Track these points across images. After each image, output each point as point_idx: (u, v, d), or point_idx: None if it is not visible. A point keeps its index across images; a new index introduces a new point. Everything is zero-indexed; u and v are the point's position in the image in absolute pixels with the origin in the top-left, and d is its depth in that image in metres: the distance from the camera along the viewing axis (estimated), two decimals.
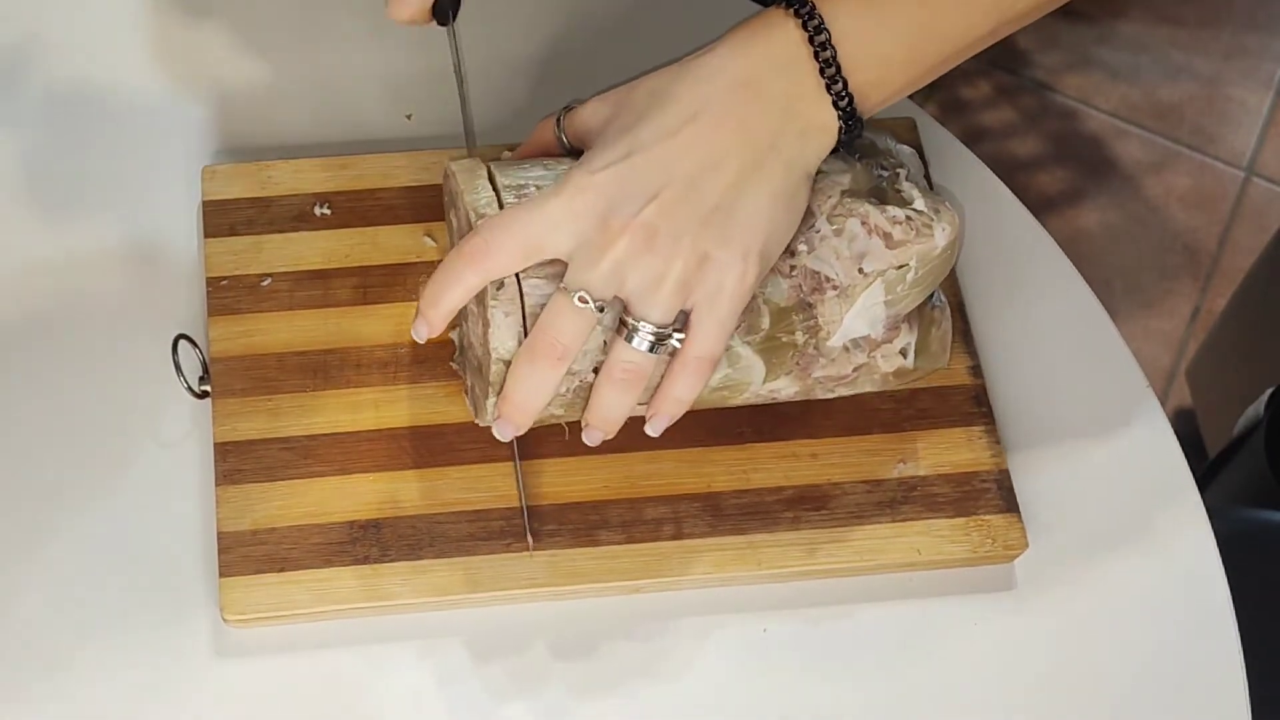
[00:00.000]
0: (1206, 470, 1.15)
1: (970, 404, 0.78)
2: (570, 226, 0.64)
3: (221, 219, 0.80)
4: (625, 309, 0.65)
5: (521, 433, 0.68)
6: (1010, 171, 1.70)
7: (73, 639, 0.72)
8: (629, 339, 0.65)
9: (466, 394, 0.75)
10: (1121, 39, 1.90)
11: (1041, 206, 1.72)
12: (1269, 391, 1.09)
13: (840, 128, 0.66)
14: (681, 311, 0.66)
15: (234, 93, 0.86)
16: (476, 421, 0.72)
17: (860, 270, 0.69)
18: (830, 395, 0.73)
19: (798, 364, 0.70)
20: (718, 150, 0.64)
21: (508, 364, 0.67)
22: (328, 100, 0.87)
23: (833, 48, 0.64)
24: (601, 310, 0.65)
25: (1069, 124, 1.83)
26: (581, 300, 0.64)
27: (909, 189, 0.70)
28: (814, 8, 0.64)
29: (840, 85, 0.65)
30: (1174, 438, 0.80)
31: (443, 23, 0.75)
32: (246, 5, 0.89)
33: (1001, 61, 1.87)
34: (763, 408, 0.77)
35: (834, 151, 0.67)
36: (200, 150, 0.84)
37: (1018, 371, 0.81)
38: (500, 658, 0.73)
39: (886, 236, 0.69)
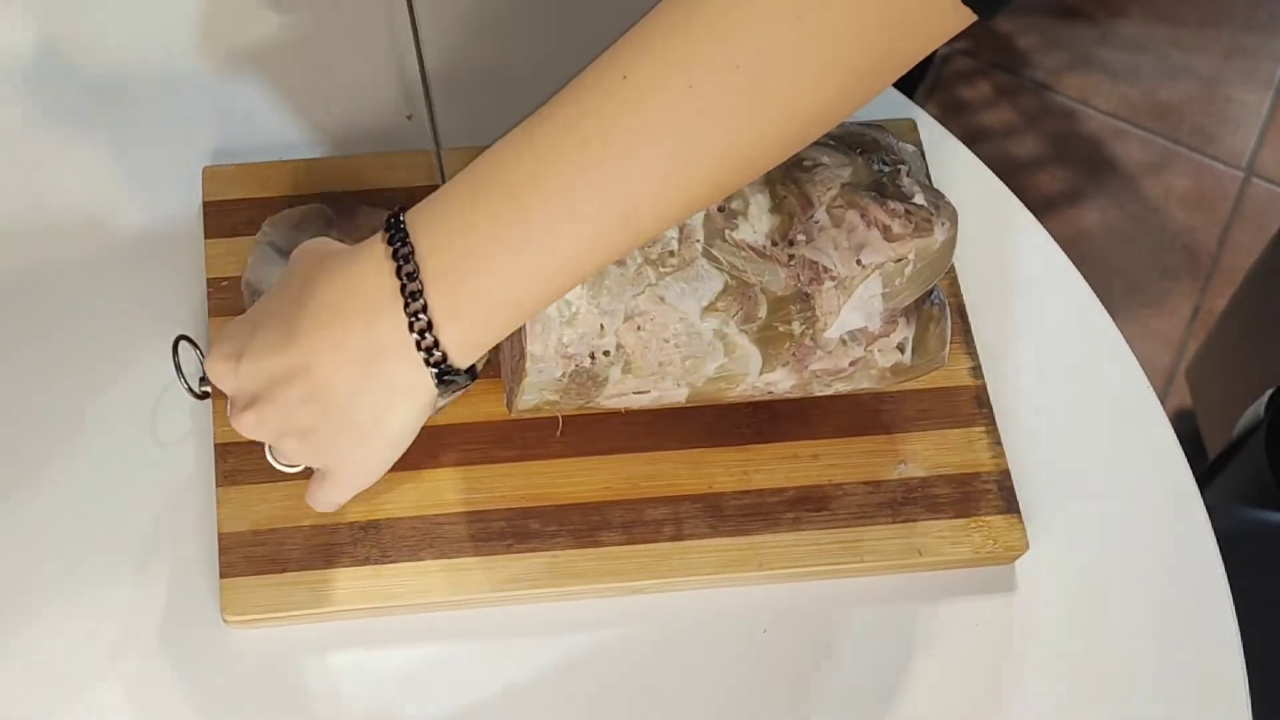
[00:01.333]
0: (1207, 470, 1.15)
1: (971, 405, 0.78)
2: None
3: (222, 219, 0.80)
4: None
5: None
6: (1010, 172, 1.70)
7: (72, 639, 0.72)
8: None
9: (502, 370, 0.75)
10: (1121, 39, 1.90)
11: (1041, 207, 1.72)
12: (1269, 392, 1.09)
13: (438, 381, 0.62)
14: None
15: (234, 93, 0.86)
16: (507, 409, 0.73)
17: (858, 262, 0.69)
18: (828, 391, 0.73)
19: (794, 355, 0.70)
20: (304, 389, 0.63)
21: (541, 364, 0.67)
22: (328, 101, 0.87)
23: (423, 296, 0.60)
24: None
25: (1069, 124, 1.83)
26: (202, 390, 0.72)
27: (909, 184, 0.70)
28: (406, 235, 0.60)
29: (430, 342, 0.60)
30: (1174, 438, 0.80)
31: None
32: (247, 5, 0.89)
33: (1002, 62, 1.87)
34: (763, 407, 0.77)
35: (457, 390, 0.63)
36: (200, 150, 0.84)
37: (1018, 372, 0.81)
38: (501, 659, 0.73)
39: (885, 229, 0.69)
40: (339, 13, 0.89)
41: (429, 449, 0.75)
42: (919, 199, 0.69)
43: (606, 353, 0.68)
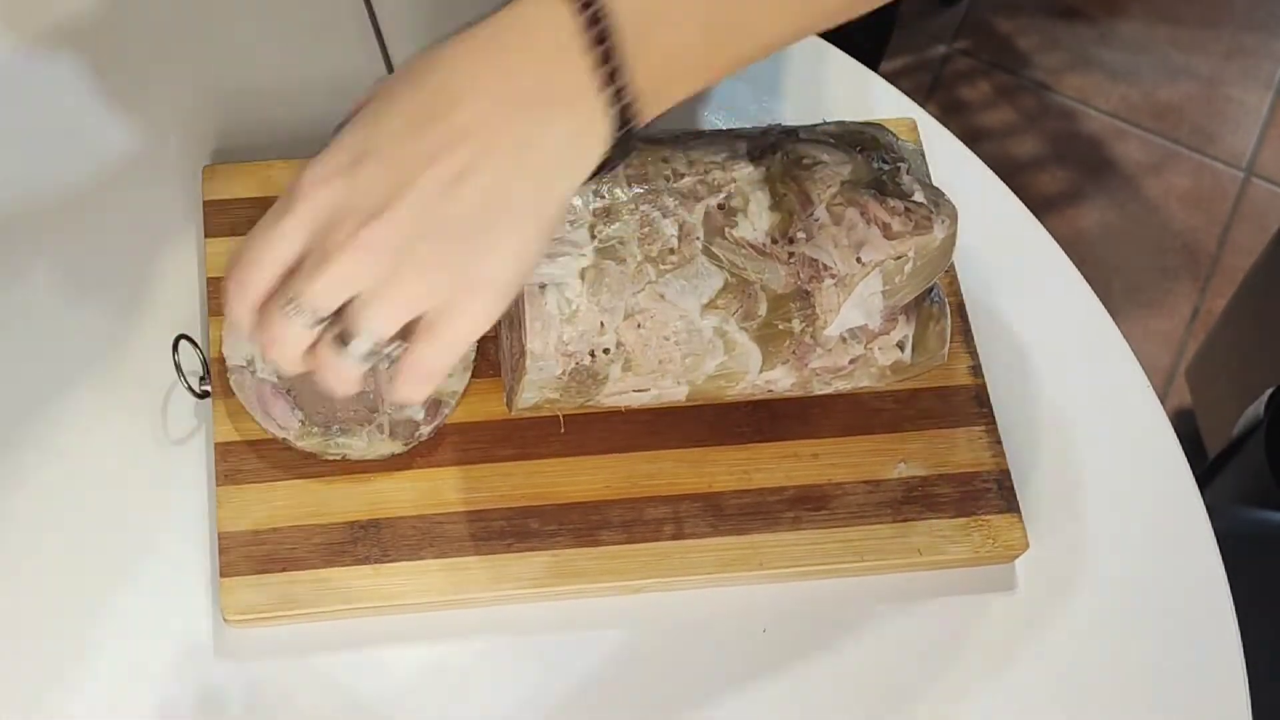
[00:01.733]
0: (1206, 470, 1.15)
1: (971, 404, 0.78)
2: (294, 238, 0.56)
3: (222, 218, 0.80)
4: (344, 309, 0.56)
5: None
6: (1010, 172, 1.70)
7: (73, 638, 0.72)
8: (344, 343, 0.56)
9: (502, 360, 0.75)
10: (1121, 39, 1.90)
11: (1041, 207, 1.72)
12: (1269, 392, 1.09)
13: (612, 137, 0.56)
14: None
15: (234, 92, 0.86)
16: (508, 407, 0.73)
17: (858, 260, 0.69)
18: (828, 389, 0.73)
19: (794, 353, 0.70)
20: (464, 159, 0.54)
21: (541, 361, 0.66)
22: (328, 100, 0.87)
23: (612, 39, 0.54)
24: (322, 323, 0.56)
25: (1069, 124, 1.84)
26: (298, 310, 0.56)
27: (909, 182, 0.70)
28: None
29: (618, 85, 0.55)
30: (1174, 437, 0.80)
31: None
32: (248, 7, 0.89)
33: (1002, 62, 1.87)
34: (763, 406, 0.77)
35: (600, 171, 0.57)
36: (200, 150, 0.84)
37: (1018, 372, 0.81)
38: (501, 658, 0.73)
39: (885, 227, 0.69)
40: (339, 11, 0.89)
41: (429, 447, 0.75)
42: (919, 197, 0.69)
43: (606, 350, 0.68)
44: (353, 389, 0.58)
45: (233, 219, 0.80)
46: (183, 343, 0.76)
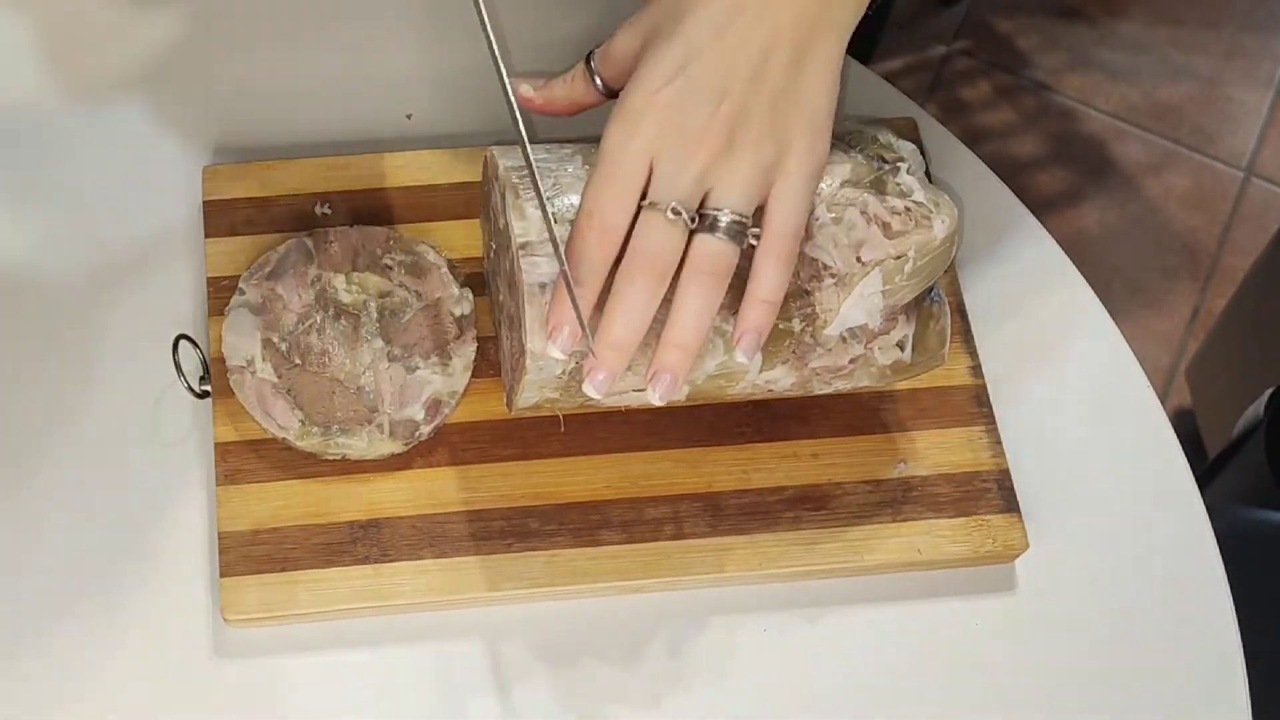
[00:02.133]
0: (1206, 470, 1.15)
1: (971, 404, 0.78)
2: (650, 149, 0.64)
3: (222, 219, 0.80)
4: (703, 203, 0.64)
5: (615, 379, 0.65)
6: (1011, 172, 1.70)
7: (72, 639, 0.72)
8: (711, 229, 0.64)
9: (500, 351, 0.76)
10: (1121, 39, 1.90)
11: (1042, 207, 1.72)
12: (1269, 392, 1.09)
13: None
14: (758, 209, 0.65)
15: (235, 93, 0.86)
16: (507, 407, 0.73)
17: (858, 259, 0.69)
18: (827, 389, 0.73)
19: (794, 352, 0.70)
20: (771, 35, 0.64)
21: (540, 361, 0.66)
22: (328, 100, 0.87)
23: None
24: (694, 220, 0.64)
25: (1069, 124, 1.84)
26: (674, 213, 0.63)
27: (908, 181, 0.70)
28: None
29: None
30: (1174, 438, 0.80)
31: None
32: (247, 6, 0.89)
33: (1002, 62, 1.87)
34: (762, 406, 0.77)
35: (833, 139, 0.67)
36: (201, 150, 0.84)
37: (1018, 371, 0.81)
38: (501, 657, 0.73)
39: (885, 226, 0.69)
40: (339, 12, 0.89)
41: (429, 447, 0.75)
42: (918, 196, 0.69)
43: None
44: (709, 310, 0.64)
45: (233, 219, 0.80)
46: (183, 343, 0.76)
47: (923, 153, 0.82)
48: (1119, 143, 1.82)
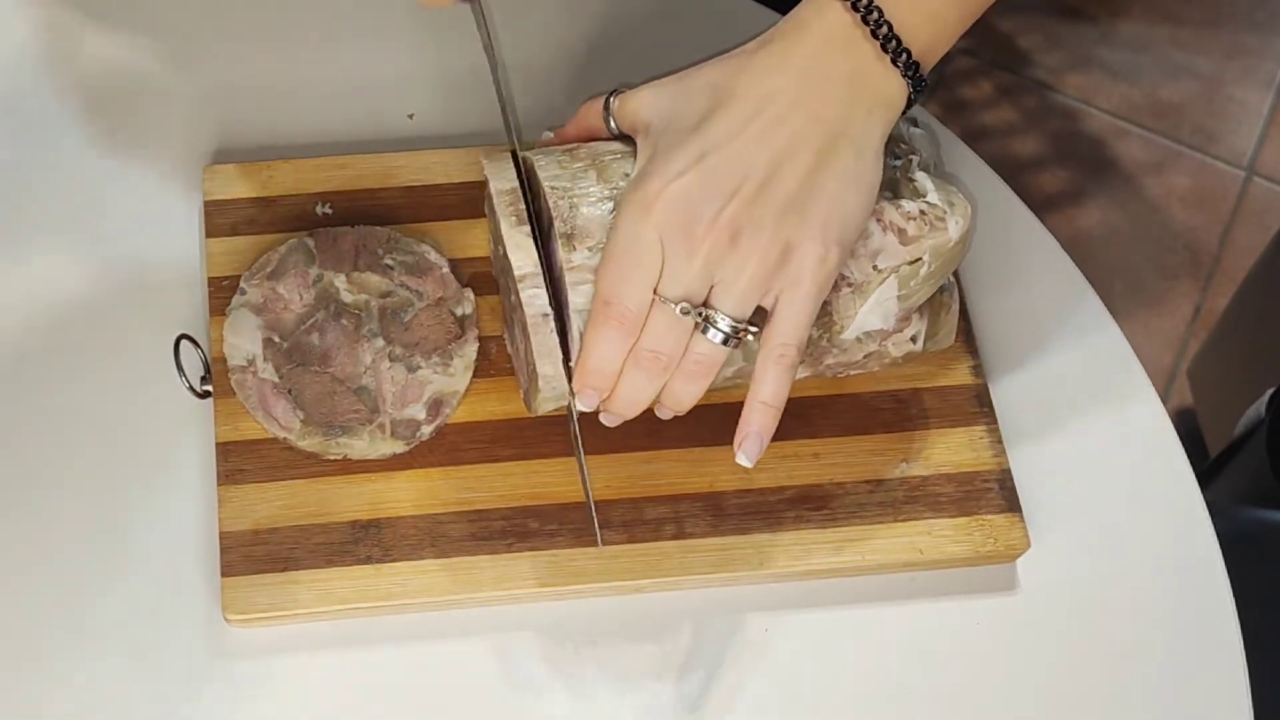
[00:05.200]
0: (1208, 469, 1.15)
1: (972, 404, 0.78)
2: (659, 240, 0.64)
3: (223, 218, 0.80)
4: (707, 299, 0.65)
5: (626, 419, 0.69)
6: (1012, 171, 1.70)
7: (73, 638, 0.72)
8: (704, 330, 0.65)
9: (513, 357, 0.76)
10: (1122, 39, 1.90)
11: (1043, 206, 1.72)
12: (1270, 391, 1.09)
13: (909, 95, 0.67)
14: (759, 308, 0.66)
15: (236, 93, 0.86)
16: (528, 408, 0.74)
17: (875, 267, 0.69)
18: (838, 377, 0.73)
19: (810, 355, 0.70)
20: (790, 140, 0.64)
21: (553, 382, 0.68)
22: (329, 100, 0.87)
23: (887, 22, 0.64)
24: (701, 315, 0.65)
25: (1070, 124, 1.83)
26: (684, 311, 0.64)
27: (922, 180, 0.70)
28: None
29: (905, 56, 0.65)
30: (1176, 437, 0.80)
31: None
32: (249, 6, 0.89)
33: (1003, 61, 1.87)
34: None
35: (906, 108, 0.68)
36: (202, 150, 0.84)
37: (1019, 371, 0.81)
38: (501, 657, 0.73)
39: (901, 233, 0.69)
40: (341, 12, 0.90)
41: (429, 447, 0.75)
42: (932, 197, 0.69)
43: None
44: (700, 392, 0.67)
45: (233, 219, 0.80)
46: (184, 343, 0.76)
47: (933, 135, 0.82)
48: (1120, 142, 1.82)
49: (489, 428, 0.76)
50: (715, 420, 0.76)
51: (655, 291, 0.65)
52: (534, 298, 0.67)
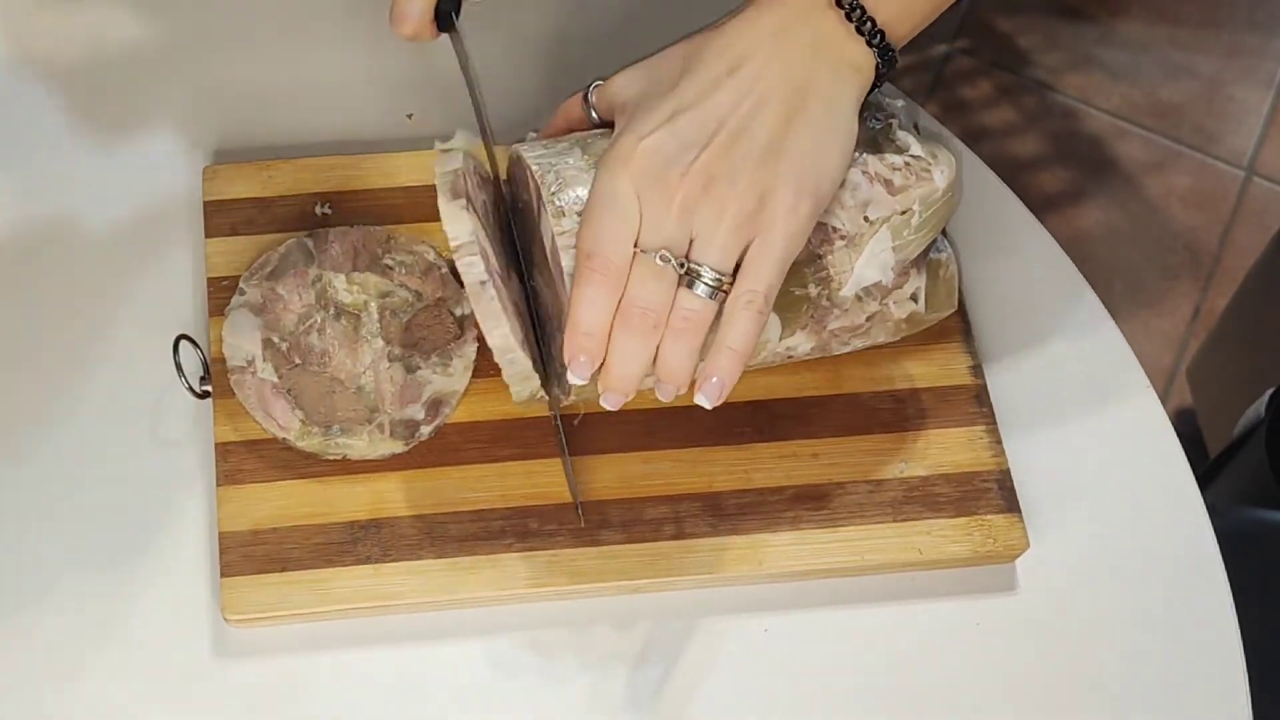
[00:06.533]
0: (1207, 469, 1.15)
1: (971, 404, 0.78)
2: (634, 193, 0.65)
3: (222, 219, 0.80)
4: (687, 254, 0.66)
5: (629, 399, 0.68)
6: (1011, 171, 1.70)
7: (74, 638, 0.72)
8: (690, 285, 0.65)
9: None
10: (1122, 39, 1.90)
11: (1043, 206, 1.72)
12: (1270, 391, 1.09)
13: (877, 64, 0.68)
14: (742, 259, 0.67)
15: (235, 93, 0.86)
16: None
17: (865, 218, 0.69)
18: (846, 349, 0.74)
19: (812, 317, 0.71)
20: (759, 95, 0.66)
21: (508, 355, 0.68)
22: (328, 101, 0.87)
23: None
24: (682, 266, 0.65)
25: (1070, 124, 1.83)
26: (663, 259, 0.65)
27: (904, 137, 0.71)
28: None
29: (869, 25, 0.67)
30: (1175, 437, 0.80)
31: (446, 29, 0.75)
32: (248, 6, 0.90)
33: (1003, 61, 1.87)
34: (761, 407, 0.77)
35: (878, 83, 0.69)
36: (201, 150, 0.84)
37: (1019, 371, 0.81)
38: (501, 656, 0.73)
39: (888, 184, 0.70)
40: (339, 13, 0.90)
41: (429, 447, 0.75)
42: (915, 150, 0.70)
43: None
44: (693, 354, 0.66)
45: (233, 219, 0.80)
46: (183, 343, 0.76)
47: (911, 105, 0.82)
48: (1120, 142, 1.82)
49: (488, 428, 0.76)
50: (713, 421, 0.76)
51: (636, 245, 0.65)
52: (470, 265, 0.67)
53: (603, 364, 0.66)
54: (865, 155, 0.70)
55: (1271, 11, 1.92)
